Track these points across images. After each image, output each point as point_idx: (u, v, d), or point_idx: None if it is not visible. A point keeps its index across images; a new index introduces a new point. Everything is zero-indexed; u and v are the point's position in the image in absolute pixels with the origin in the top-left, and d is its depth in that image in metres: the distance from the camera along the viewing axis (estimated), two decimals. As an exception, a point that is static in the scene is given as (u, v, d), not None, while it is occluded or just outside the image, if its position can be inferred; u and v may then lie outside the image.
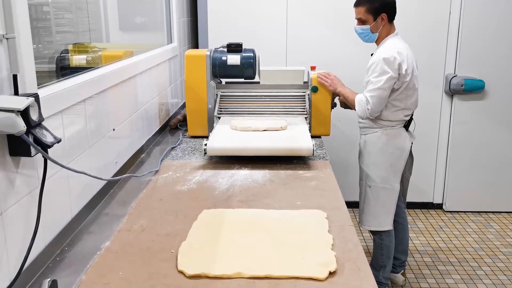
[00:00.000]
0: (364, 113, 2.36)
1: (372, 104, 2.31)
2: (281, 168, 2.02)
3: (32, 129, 1.10)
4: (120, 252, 1.34)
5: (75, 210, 1.49)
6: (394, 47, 2.30)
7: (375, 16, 2.34)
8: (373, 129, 2.44)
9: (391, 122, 2.40)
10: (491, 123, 3.63)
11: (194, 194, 1.76)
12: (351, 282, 1.20)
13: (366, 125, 2.46)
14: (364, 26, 2.37)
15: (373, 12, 2.33)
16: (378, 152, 2.43)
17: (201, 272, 1.21)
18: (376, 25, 2.35)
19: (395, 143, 2.42)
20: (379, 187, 2.46)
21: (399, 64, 2.26)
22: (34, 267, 1.22)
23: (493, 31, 3.47)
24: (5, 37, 1.08)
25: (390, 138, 2.41)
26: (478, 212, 3.78)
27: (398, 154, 2.43)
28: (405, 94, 2.35)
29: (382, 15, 2.33)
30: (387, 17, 2.34)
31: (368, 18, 2.35)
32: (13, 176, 1.14)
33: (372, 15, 2.34)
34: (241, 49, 2.53)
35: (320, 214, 1.56)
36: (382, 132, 2.42)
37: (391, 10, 2.36)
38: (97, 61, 1.89)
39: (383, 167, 2.44)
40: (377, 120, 2.40)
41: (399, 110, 2.37)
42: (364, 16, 2.35)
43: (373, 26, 2.35)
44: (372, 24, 2.35)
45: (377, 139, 2.43)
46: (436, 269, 2.99)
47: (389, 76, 2.26)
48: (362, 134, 2.52)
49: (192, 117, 2.50)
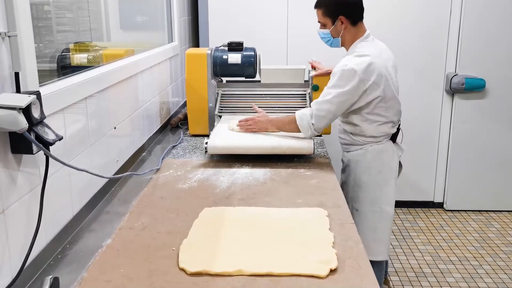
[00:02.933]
0: (308, 130, 2.06)
1: (315, 117, 2.03)
2: (281, 167, 2.02)
3: (33, 127, 1.11)
4: (121, 249, 1.34)
5: (77, 208, 1.50)
6: (362, 55, 2.02)
7: (333, 20, 2.08)
8: (356, 146, 2.15)
9: (375, 138, 2.12)
10: (491, 122, 3.62)
11: (195, 192, 1.77)
12: (352, 279, 1.20)
13: (348, 141, 2.18)
14: (324, 30, 2.12)
15: (330, 15, 2.08)
16: (364, 172, 2.14)
17: (202, 269, 1.22)
18: (336, 29, 2.09)
19: (382, 160, 2.14)
20: (367, 211, 2.15)
21: (360, 79, 1.96)
22: (36, 264, 1.23)
23: (494, 30, 3.47)
24: (7, 35, 1.08)
25: (376, 155, 2.12)
26: (479, 211, 3.78)
27: (387, 172, 2.15)
28: (383, 107, 2.06)
29: (341, 18, 2.06)
30: (347, 19, 2.06)
31: (326, 21, 2.10)
32: (15, 174, 1.14)
33: (330, 18, 2.08)
34: (242, 47, 2.53)
35: (321, 212, 1.56)
36: (366, 149, 2.13)
37: (351, 11, 2.07)
38: (98, 60, 1.89)
39: (371, 188, 2.14)
40: (360, 136, 2.13)
41: (382, 124, 2.10)
42: (322, 20, 2.11)
43: (332, 30, 2.10)
44: (332, 28, 2.09)
45: (362, 158, 2.14)
46: (437, 268, 2.99)
47: (341, 92, 1.98)
48: (344, 151, 2.24)
49: (193, 116, 2.51)
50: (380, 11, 3.50)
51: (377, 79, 2.00)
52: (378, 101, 2.05)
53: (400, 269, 2.98)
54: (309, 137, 2.11)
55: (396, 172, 2.20)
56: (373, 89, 2.01)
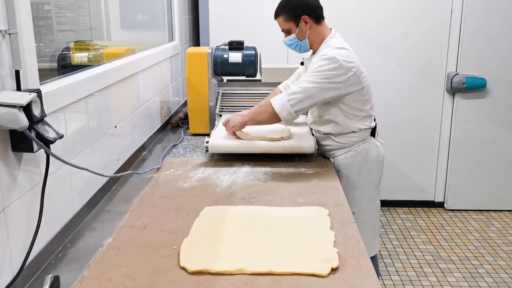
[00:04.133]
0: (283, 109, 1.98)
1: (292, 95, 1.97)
2: (282, 166, 2.02)
3: (34, 125, 1.10)
4: (122, 248, 1.34)
5: (77, 206, 1.50)
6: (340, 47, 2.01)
7: (297, 22, 2.06)
8: (343, 150, 2.11)
9: (360, 135, 2.09)
10: (492, 121, 3.62)
11: (196, 191, 1.76)
12: (353, 278, 1.19)
13: (333, 146, 2.13)
14: (290, 37, 2.10)
15: (292, 18, 2.06)
16: (356, 173, 2.12)
17: (203, 268, 1.21)
18: (301, 30, 2.07)
19: (371, 157, 2.13)
20: (365, 210, 2.15)
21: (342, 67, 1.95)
22: (37, 263, 1.22)
23: (495, 29, 3.46)
24: (8, 33, 1.08)
25: (365, 154, 2.11)
26: (480, 211, 3.78)
27: (376, 168, 2.16)
28: (362, 100, 2.05)
29: (303, 17, 2.05)
30: (310, 18, 2.05)
31: (290, 26, 2.08)
32: (15, 172, 1.14)
33: (293, 22, 2.07)
34: (242, 46, 2.53)
35: (322, 211, 1.56)
36: (355, 150, 2.10)
37: (312, 10, 2.06)
38: (99, 59, 1.89)
39: (366, 187, 2.14)
40: (345, 135, 2.09)
41: (362, 118, 2.08)
42: (286, 26, 2.09)
43: (298, 33, 2.08)
44: (297, 31, 2.07)
45: (353, 159, 2.10)
46: (437, 267, 2.99)
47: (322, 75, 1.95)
48: (331, 157, 2.16)
49: (194, 115, 2.50)
50: (381, 11, 3.49)
51: (357, 71, 1.99)
52: (358, 94, 2.03)
53: (400, 268, 2.98)
54: (289, 121, 2.05)
55: (382, 165, 2.21)
56: (354, 80, 1.98)
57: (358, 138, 2.10)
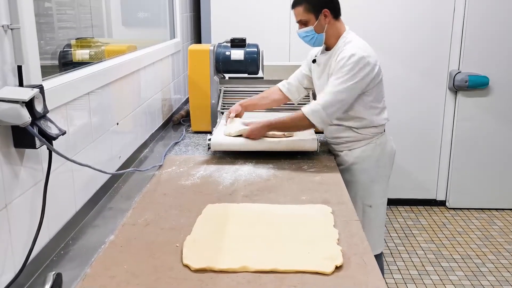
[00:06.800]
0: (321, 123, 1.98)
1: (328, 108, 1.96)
2: (285, 163, 2.01)
3: (36, 121, 1.09)
4: (124, 245, 1.33)
5: (79, 204, 1.49)
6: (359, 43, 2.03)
7: (317, 14, 2.01)
8: (364, 141, 2.10)
9: (380, 128, 2.11)
10: (495, 119, 3.61)
11: (198, 188, 1.75)
12: (358, 276, 1.19)
13: (351, 138, 2.11)
14: (307, 29, 2.04)
15: (313, 10, 2.01)
16: (375, 166, 2.12)
17: (206, 265, 1.20)
18: (320, 24, 2.02)
19: (387, 151, 2.15)
20: (380, 204, 2.16)
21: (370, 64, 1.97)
22: (39, 260, 1.22)
23: (498, 27, 3.45)
24: (10, 28, 1.07)
25: (383, 147, 2.13)
26: (482, 209, 3.77)
27: (390, 163, 2.19)
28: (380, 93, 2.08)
29: (324, 11, 2.01)
30: (330, 13, 2.03)
31: (309, 18, 2.02)
32: (17, 169, 1.13)
33: (313, 14, 2.02)
34: (244, 44, 2.52)
35: (325, 208, 1.55)
36: (375, 142, 2.11)
37: (333, 4, 2.05)
38: (100, 56, 1.88)
39: (382, 181, 2.15)
40: (368, 128, 2.09)
41: (381, 111, 2.10)
42: (305, 17, 2.03)
43: (316, 26, 2.02)
44: (315, 23, 2.02)
45: (372, 152, 2.10)
46: (439, 266, 2.98)
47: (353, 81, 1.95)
48: (346, 150, 2.13)
49: (196, 112, 2.50)
50: (384, 9, 3.48)
51: (379, 64, 2.04)
52: (378, 86, 2.06)
53: (402, 267, 2.97)
54: (322, 129, 2.10)
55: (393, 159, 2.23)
56: (377, 74, 2.02)
57: (378, 130, 2.12)
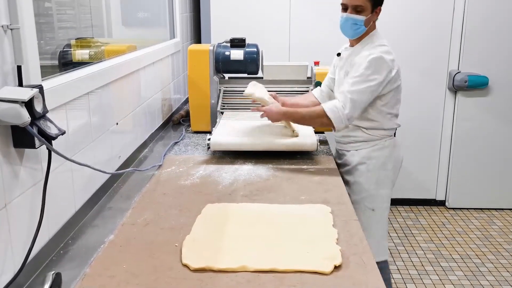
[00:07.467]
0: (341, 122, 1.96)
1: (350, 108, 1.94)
2: (284, 163, 2.01)
3: (36, 121, 1.09)
4: (124, 245, 1.33)
5: (79, 203, 1.49)
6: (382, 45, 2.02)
7: (373, 8, 2.00)
8: (372, 142, 2.08)
9: (390, 131, 2.10)
10: (494, 119, 3.61)
11: (198, 188, 1.76)
12: (357, 276, 1.19)
13: (360, 138, 2.09)
14: (359, 16, 1.99)
15: (373, 2, 1.99)
16: (381, 168, 2.08)
17: (205, 265, 1.21)
18: (371, 18, 2.01)
19: (395, 155, 2.12)
20: (384, 208, 2.11)
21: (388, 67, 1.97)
22: (38, 260, 1.22)
23: (497, 27, 3.45)
24: (10, 28, 1.07)
25: (391, 150, 2.10)
26: (481, 209, 3.77)
27: (397, 167, 2.15)
28: (395, 100, 2.07)
29: (378, 8, 2.03)
30: (379, 12, 2.05)
31: (367, 7, 1.98)
32: (17, 168, 1.13)
33: (371, 5, 1.99)
34: (244, 44, 2.52)
35: (324, 208, 1.55)
36: (383, 144, 2.08)
37: (381, 5, 2.05)
38: (100, 56, 1.88)
39: (387, 185, 2.11)
40: (374, 130, 2.07)
41: (393, 117, 2.10)
42: (364, 4, 1.97)
43: (369, 18, 2.00)
44: (369, 16, 1.99)
45: (380, 153, 2.07)
46: (439, 266, 2.98)
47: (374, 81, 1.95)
48: (353, 150, 2.12)
49: (195, 112, 2.50)
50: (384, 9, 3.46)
51: (398, 69, 2.02)
52: (394, 93, 2.05)
53: (402, 267, 2.98)
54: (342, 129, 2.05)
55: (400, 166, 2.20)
56: (395, 79, 2.01)
57: (387, 133, 2.10)
